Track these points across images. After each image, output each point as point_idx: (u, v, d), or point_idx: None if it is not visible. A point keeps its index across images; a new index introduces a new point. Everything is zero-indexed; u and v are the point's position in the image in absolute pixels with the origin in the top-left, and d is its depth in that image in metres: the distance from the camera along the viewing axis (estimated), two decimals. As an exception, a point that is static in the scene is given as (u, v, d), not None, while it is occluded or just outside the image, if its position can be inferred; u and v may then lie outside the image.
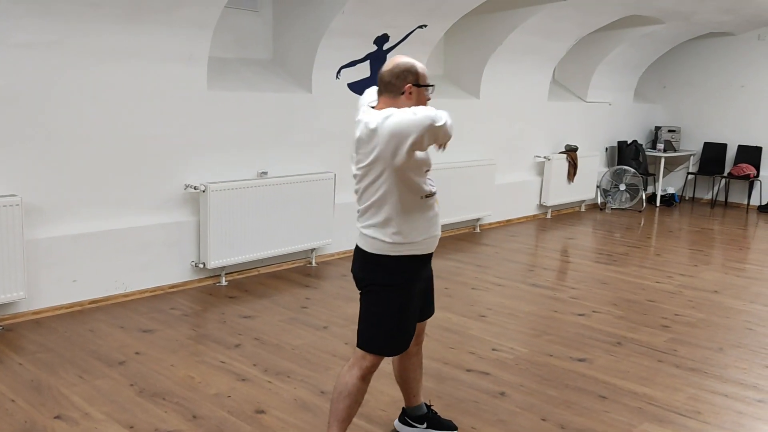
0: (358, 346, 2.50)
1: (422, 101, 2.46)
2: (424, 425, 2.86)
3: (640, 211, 8.79)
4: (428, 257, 2.58)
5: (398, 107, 2.37)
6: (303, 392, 3.25)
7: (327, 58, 5.45)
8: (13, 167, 3.96)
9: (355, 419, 2.71)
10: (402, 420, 2.91)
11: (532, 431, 2.97)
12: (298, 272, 5.36)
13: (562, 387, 3.44)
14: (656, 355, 3.90)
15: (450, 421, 2.93)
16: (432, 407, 2.95)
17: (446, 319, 4.38)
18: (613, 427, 3.03)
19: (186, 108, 4.68)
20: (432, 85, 2.49)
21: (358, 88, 5.82)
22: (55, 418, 2.92)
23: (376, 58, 5.90)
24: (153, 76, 4.47)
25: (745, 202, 9.36)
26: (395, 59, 2.47)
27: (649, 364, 3.78)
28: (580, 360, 3.79)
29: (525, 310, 4.66)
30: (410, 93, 2.43)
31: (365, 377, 2.49)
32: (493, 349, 3.90)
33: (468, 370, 3.60)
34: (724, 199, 9.53)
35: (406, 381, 2.81)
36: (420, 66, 2.46)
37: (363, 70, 5.82)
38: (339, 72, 5.64)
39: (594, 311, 4.66)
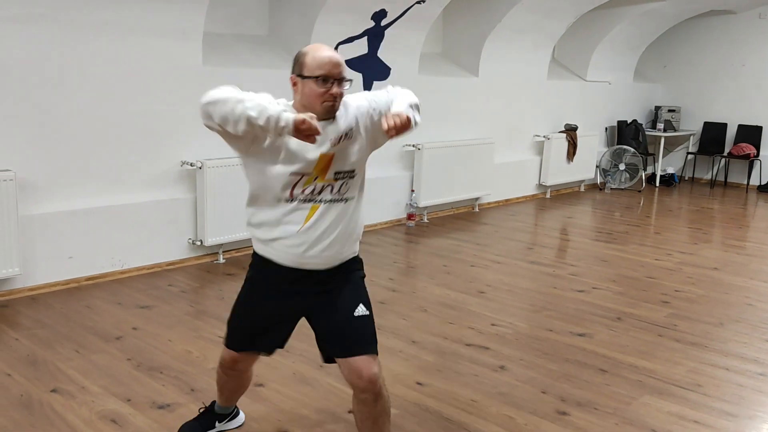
0: None
1: (314, 97, 2.03)
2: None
3: (639, 191, 8.76)
4: (292, 272, 2.16)
5: (296, 100, 2.11)
6: (301, 366, 3.23)
7: (324, 35, 5.38)
8: (6, 142, 3.91)
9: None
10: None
11: (532, 403, 2.95)
12: (296, 250, 5.32)
13: (562, 361, 3.42)
14: (656, 330, 3.88)
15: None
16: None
17: (445, 296, 4.36)
18: (613, 400, 3.01)
19: (181, 84, 4.62)
20: (322, 76, 2.00)
21: (356, 65, 5.76)
22: (51, 391, 2.90)
23: (374, 35, 5.84)
24: (147, 52, 4.41)
25: (745, 182, 9.32)
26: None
27: (649, 338, 3.76)
28: (580, 335, 3.77)
29: (524, 286, 4.64)
30: (294, 84, 2.08)
31: (220, 365, 2.41)
32: (493, 324, 3.88)
33: (467, 345, 3.58)
34: (723, 179, 9.50)
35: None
36: (314, 54, 2.02)
37: (361, 47, 5.75)
38: (336, 48, 5.57)
39: (593, 287, 4.64)
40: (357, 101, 2.20)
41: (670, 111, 9.53)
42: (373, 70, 5.93)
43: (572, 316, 4.08)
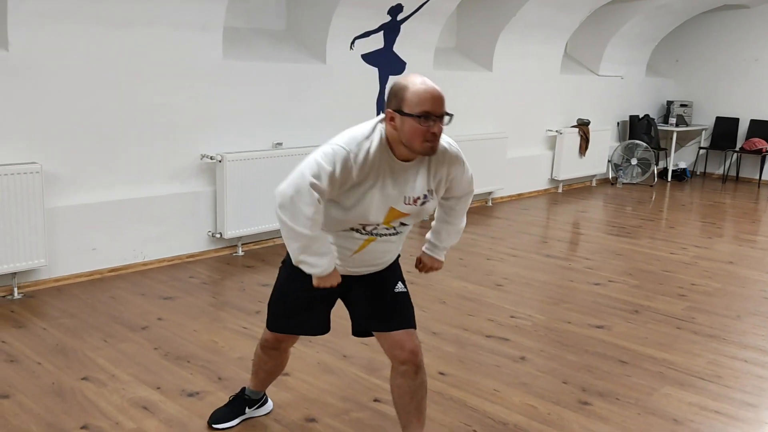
0: None
1: (415, 135, 1.96)
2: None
3: (651, 186, 8.77)
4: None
5: (389, 134, 2.03)
6: (325, 356, 3.28)
7: (341, 29, 5.42)
8: (32, 136, 3.96)
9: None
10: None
11: (554, 393, 2.99)
12: (313, 243, 5.37)
13: (582, 352, 3.46)
14: (674, 323, 3.91)
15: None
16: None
17: (463, 288, 4.40)
18: (634, 390, 3.05)
19: (201, 78, 4.67)
20: (424, 114, 1.94)
21: (371, 59, 5.80)
22: (82, 379, 2.95)
23: (390, 29, 5.87)
24: (169, 46, 4.45)
25: (757, 177, 9.32)
26: (405, 75, 2.05)
27: (667, 330, 3.79)
28: (599, 327, 3.81)
29: (541, 279, 4.68)
30: (391, 119, 2.00)
31: (261, 346, 2.49)
32: (511, 317, 3.92)
33: (488, 336, 3.62)
34: (735, 174, 9.50)
35: (394, 405, 2.34)
36: (415, 89, 1.95)
37: (377, 41, 5.79)
38: (353, 43, 5.61)
39: (610, 281, 4.67)
40: (454, 161, 2.18)
41: (682, 106, 9.53)
42: (388, 65, 5.97)
43: (590, 308, 4.11)
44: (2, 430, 2.53)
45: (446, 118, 2.00)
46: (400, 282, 2.31)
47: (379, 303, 2.26)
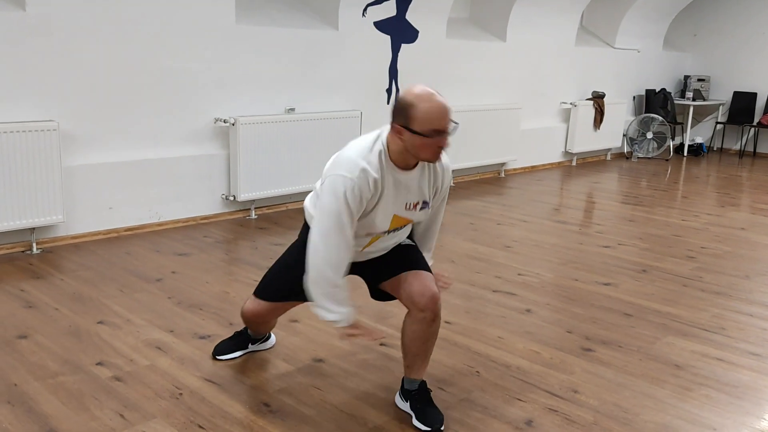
0: None
1: (424, 149, 2.02)
2: (407, 402, 2.38)
3: (666, 160, 8.72)
4: None
5: (392, 144, 2.08)
6: (334, 306, 3.35)
7: (354, -5, 5.45)
8: (49, 95, 4.05)
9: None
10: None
11: (558, 341, 3.04)
12: (325, 208, 5.43)
13: (588, 306, 3.50)
14: (681, 281, 3.93)
15: (436, 413, 2.30)
16: (426, 390, 2.39)
17: (472, 249, 4.44)
18: (637, 339, 3.08)
19: (215, 42, 4.73)
20: (437, 133, 1.98)
21: (384, 26, 5.82)
22: (98, 323, 3.05)
23: (403, -3, 5.88)
24: (183, 10, 4.51)
25: (775, 152, 9.23)
26: (411, 87, 2.02)
27: (674, 288, 3.81)
28: (606, 284, 3.84)
29: (550, 242, 4.71)
30: (399, 133, 2.03)
31: (242, 314, 2.57)
32: (519, 274, 3.97)
33: (494, 291, 3.67)
34: (752, 149, 9.41)
35: (401, 346, 2.37)
36: (423, 107, 1.95)
37: (389, 9, 5.80)
38: (365, 10, 5.63)
39: (619, 243, 4.69)
40: (448, 169, 2.29)
41: (699, 80, 9.44)
42: (401, 33, 5.98)
43: (598, 268, 4.14)
44: (20, 365, 2.63)
45: (452, 126, 2.02)
46: (407, 238, 2.41)
47: (389, 256, 2.35)
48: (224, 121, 4.82)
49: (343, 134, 5.42)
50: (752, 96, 9.32)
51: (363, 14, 5.63)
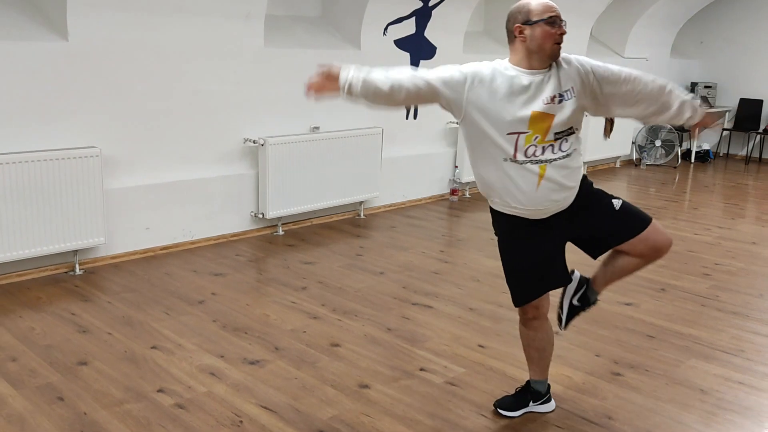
0: None
1: (547, 38, 2.29)
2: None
3: (674, 167, 8.88)
4: (533, 221, 2.45)
5: (515, 53, 2.35)
6: (371, 329, 3.51)
7: (375, 15, 5.59)
8: (91, 121, 4.20)
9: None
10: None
11: (587, 365, 3.20)
12: (348, 223, 5.60)
13: (612, 327, 3.66)
14: (699, 300, 4.10)
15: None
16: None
17: (496, 267, 4.56)
18: (662, 363, 3.25)
19: (244, 64, 4.87)
20: (554, 19, 2.29)
21: (403, 44, 5.97)
22: (151, 348, 3.22)
23: (422, 15, 6.02)
24: (214, 34, 4.66)
25: (780, 159, 9.39)
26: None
27: (692, 308, 3.98)
28: (627, 304, 4.01)
29: (570, 259, 4.84)
30: (521, 33, 2.31)
31: (523, 323, 2.71)
32: (543, 294, 4.12)
33: (522, 312, 3.83)
34: (758, 156, 9.57)
35: (612, 268, 2.67)
36: (536, 2, 2.31)
37: (409, 27, 5.95)
38: (386, 28, 5.78)
39: (636, 260, 4.85)
40: (579, 59, 2.40)
41: (706, 87, 9.59)
42: (420, 50, 6.13)
43: (618, 286, 4.27)
44: (85, 393, 2.80)
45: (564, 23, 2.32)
46: (611, 199, 2.56)
47: (613, 222, 2.50)
48: (253, 142, 4.97)
49: (365, 150, 5.58)
50: (758, 103, 9.46)
51: (384, 33, 5.77)
